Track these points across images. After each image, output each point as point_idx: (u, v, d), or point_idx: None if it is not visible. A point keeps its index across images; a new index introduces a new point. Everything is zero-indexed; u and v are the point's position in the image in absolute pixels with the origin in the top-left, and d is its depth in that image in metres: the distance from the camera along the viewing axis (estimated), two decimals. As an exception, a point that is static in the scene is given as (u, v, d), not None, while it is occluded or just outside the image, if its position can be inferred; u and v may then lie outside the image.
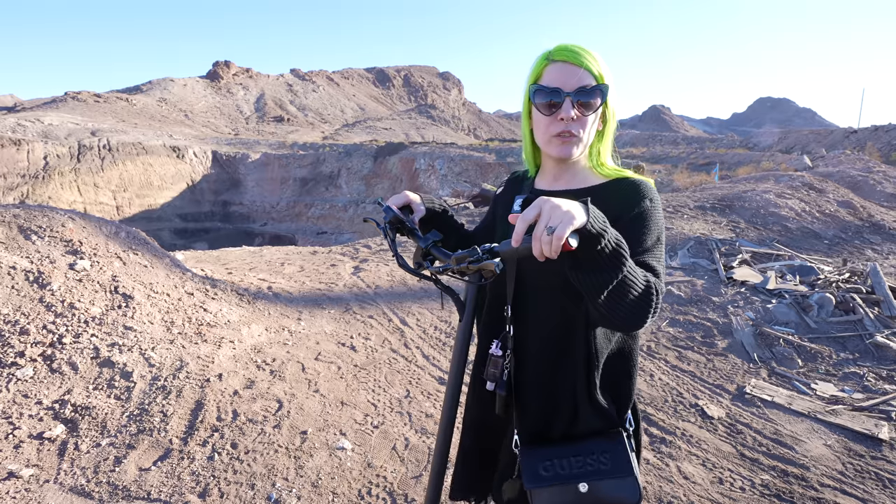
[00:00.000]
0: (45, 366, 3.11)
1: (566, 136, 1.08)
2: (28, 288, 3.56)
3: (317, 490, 2.48)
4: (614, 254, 0.85)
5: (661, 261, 1.03)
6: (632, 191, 1.07)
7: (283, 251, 8.32)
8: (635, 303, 0.89)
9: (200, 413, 2.99)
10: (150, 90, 69.80)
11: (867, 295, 5.08)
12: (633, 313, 0.91)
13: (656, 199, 1.08)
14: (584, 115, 1.06)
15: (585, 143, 1.10)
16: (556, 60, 1.07)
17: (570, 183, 1.17)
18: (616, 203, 1.06)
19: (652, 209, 1.05)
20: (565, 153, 1.10)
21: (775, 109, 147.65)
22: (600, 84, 1.05)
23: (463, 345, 1.11)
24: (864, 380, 3.78)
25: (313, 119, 79.49)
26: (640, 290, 0.89)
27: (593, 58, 1.06)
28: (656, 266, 1.01)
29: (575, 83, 1.04)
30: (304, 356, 3.89)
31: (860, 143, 24.89)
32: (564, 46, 1.07)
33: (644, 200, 1.05)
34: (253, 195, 37.49)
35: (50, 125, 35.88)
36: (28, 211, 4.30)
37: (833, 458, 2.86)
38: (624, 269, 0.86)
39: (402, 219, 1.23)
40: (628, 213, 1.04)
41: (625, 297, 0.88)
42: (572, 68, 1.05)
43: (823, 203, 9.95)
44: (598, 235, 0.82)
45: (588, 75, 1.04)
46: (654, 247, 1.03)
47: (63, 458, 2.59)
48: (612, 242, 0.84)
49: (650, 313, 0.92)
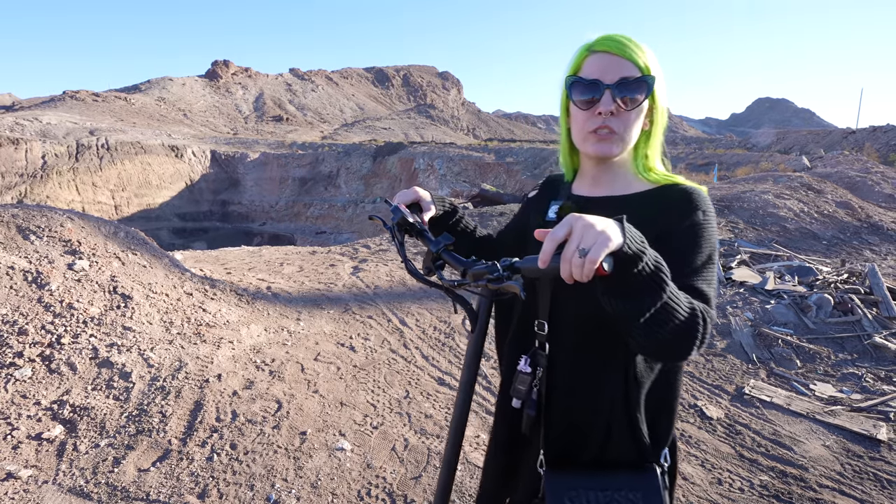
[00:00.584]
0: (43, 366, 3.11)
1: (604, 132, 0.97)
2: (27, 288, 3.55)
3: (316, 491, 2.47)
4: (652, 277, 0.74)
5: (711, 283, 0.90)
6: (682, 200, 0.95)
7: (282, 251, 8.32)
8: (677, 333, 0.78)
9: (199, 414, 2.99)
10: (149, 89, 69.70)
11: (865, 295, 5.09)
12: (675, 344, 0.80)
13: (710, 211, 0.95)
14: (626, 110, 0.95)
15: (627, 141, 0.99)
16: (597, 51, 0.97)
17: (612, 188, 1.06)
18: (663, 213, 0.95)
19: (704, 223, 0.93)
20: (603, 151, 0.99)
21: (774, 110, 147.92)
22: (645, 76, 0.94)
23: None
24: (862, 380, 3.79)
25: (312, 119, 79.44)
26: (683, 317, 0.78)
27: (640, 48, 0.95)
28: (706, 290, 0.88)
29: (616, 74, 0.94)
30: (303, 356, 3.89)
31: (858, 144, 24.96)
32: (608, 36, 0.97)
33: (696, 212, 0.93)
34: (252, 195, 37.46)
35: (48, 124, 35.81)
36: (27, 211, 4.29)
37: (831, 459, 2.86)
38: (664, 295, 0.75)
39: (411, 221, 1.13)
40: (677, 226, 0.93)
41: (665, 326, 0.77)
42: (615, 59, 0.95)
43: (822, 204, 9.97)
44: (634, 257, 0.72)
45: (632, 66, 0.94)
46: (705, 267, 0.91)
47: (62, 458, 2.58)
48: (651, 265, 0.74)
49: (695, 344, 0.81)
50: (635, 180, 1.05)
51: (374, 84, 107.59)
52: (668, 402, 1.02)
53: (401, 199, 1.19)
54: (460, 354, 4.10)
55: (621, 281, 0.74)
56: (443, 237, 1.08)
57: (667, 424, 1.03)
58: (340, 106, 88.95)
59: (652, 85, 0.95)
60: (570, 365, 1.01)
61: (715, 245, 0.94)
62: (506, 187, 26.48)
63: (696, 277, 0.90)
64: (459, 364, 3.94)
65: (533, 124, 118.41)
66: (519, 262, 0.85)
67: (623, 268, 0.72)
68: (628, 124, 0.97)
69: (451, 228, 1.27)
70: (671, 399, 1.02)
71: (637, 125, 0.99)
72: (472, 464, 2.73)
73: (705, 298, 0.88)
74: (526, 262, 0.83)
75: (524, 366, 1.02)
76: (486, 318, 1.02)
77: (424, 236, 1.13)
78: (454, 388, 3.54)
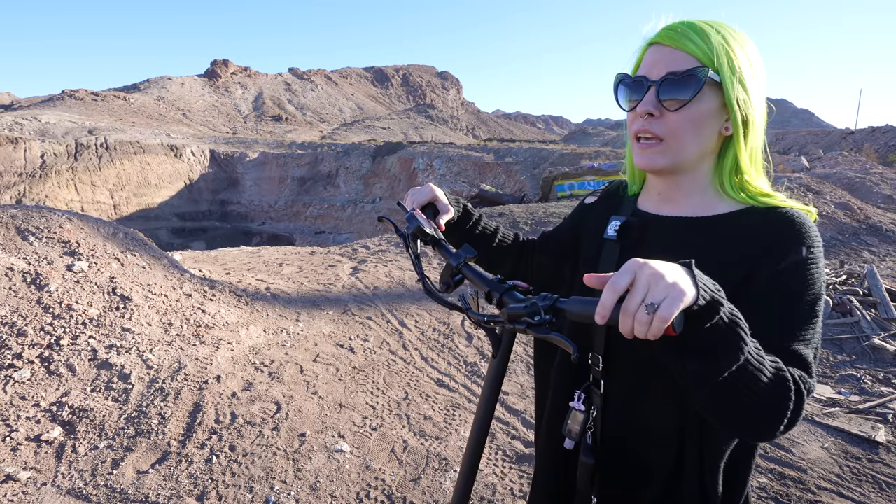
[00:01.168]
0: (42, 368, 3.10)
1: (645, 138, 0.83)
2: (25, 289, 3.55)
3: (315, 493, 2.48)
4: (727, 334, 0.60)
5: (812, 342, 0.72)
6: (783, 229, 0.76)
7: (282, 251, 8.31)
8: (757, 405, 0.64)
9: (198, 415, 2.99)
10: (148, 89, 69.65)
11: (864, 297, 5.10)
12: (753, 420, 0.66)
13: (817, 247, 0.76)
14: (671, 111, 0.79)
15: (678, 151, 0.81)
16: (654, 43, 0.82)
17: (688, 208, 0.87)
18: (754, 245, 0.77)
19: (810, 261, 0.74)
20: (644, 162, 0.84)
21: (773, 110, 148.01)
22: (696, 68, 0.76)
23: (492, 389, 0.90)
24: (860, 382, 3.80)
25: (311, 118, 79.43)
26: (765, 387, 0.63)
27: (704, 36, 0.77)
28: (805, 353, 0.71)
29: (664, 69, 0.79)
30: (302, 358, 3.89)
31: (857, 145, 25.00)
32: (670, 25, 0.81)
33: (800, 247, 0.75)
34: (251, 194, 37.42)
35: (47, 123, 35.76)
36: (26, 212, 4.29)
37: (830, 461, 2.87)
38: (741, 356, 0.61)
39: (427, 231, 0.99)
40: (773, 263, 0.74)
41: (740, 395, 0.63)
42: (668, 51, 0.79)
43: (820, 204, 9.99)
44: (706, 311, 0.58)
45: (688, 59, 0.77)
46: (808, 323, 0.73)
47: (60, 460, 2.58)
48: (727, 318, 0.59)
49: (782, 422, 0.66)
50: (719, 199, 0.86)
51: (374, 84, 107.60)
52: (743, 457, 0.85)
53: (415, 199, 1.03)
54: (459, 356, 4.11)
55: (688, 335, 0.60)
56: (464, 249, 0.94)
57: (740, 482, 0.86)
58: (340, 105, 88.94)
59: (703, 79, 0.76)
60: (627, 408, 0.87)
61: (821, 293, 0.75)
62: (505, 187, 26.49)
63: (794, 337, 0.72)
64: (458, 366, 3.94)
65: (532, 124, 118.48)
66: (564, 302, 0.70)
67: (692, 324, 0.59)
68: (676, 129, 0.80)
69: (470, 232, 1.10)
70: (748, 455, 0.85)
71: (693, 130, 0.80)
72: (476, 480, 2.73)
73: (804, 364, 0.71)
74: (573, 305, 0.68)
75: (577, 403, 0.89)
76: (510, 345, 0.88)
77: (443, 248, 0.99)
78: (453, 390, 3.54)
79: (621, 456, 0.88)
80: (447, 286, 0.95)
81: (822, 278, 0.75)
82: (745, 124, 0.81)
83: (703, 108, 0.79)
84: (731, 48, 0.78)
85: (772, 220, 0.79)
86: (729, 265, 0.77)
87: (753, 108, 0.80)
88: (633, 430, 0.86)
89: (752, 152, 0.84)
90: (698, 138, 0.81)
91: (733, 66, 0.77)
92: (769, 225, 0.78)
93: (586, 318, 0.65)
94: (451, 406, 3.33)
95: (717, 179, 0.86)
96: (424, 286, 0.95)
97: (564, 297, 0.70)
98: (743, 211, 0.83)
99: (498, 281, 0.85)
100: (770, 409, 0.65)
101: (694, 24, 0.79)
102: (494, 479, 2.63)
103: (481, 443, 0.93)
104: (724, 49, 0.77)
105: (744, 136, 0.82)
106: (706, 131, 0.81)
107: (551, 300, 0.71)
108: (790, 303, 0.73)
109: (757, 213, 0.81)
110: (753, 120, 0.81)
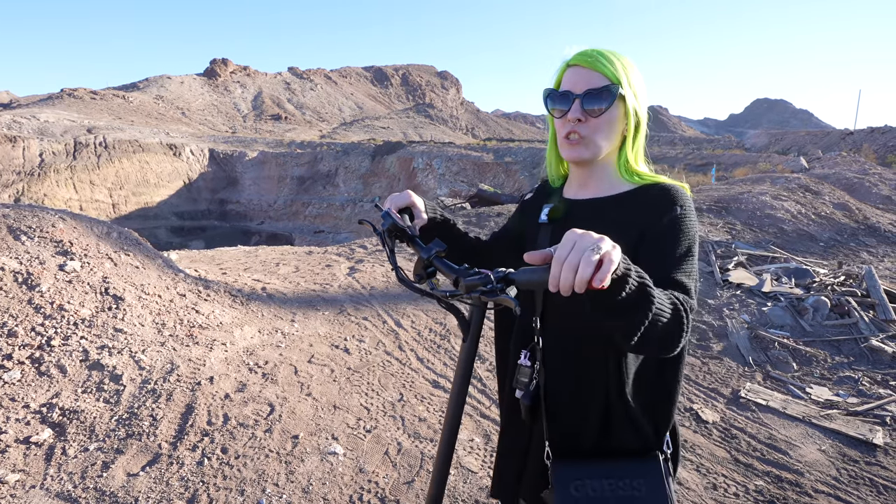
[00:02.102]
0: (33, 368, 3.07)
1: (574, 137, 1.06)
2: (17, 289, 3.51)
3: (307, 496, 2.45)
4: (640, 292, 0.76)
5: (691, 275, 0.96)
6: (661, 197, 1.03)
7: (279, 251, 8.28)
8: (665, 333, 0.82)
9: (190, 417, 2.96)
10: (147, 87, 69.52)
11: (862, 298, 5.07)
12: (663, 343, 0.85)
13: (688, 206, 1.02)
14: (594, 118, 1.04)
15: (597, 145, 1.06)
16: (572, 65, 1.07)
17: (598, 190, 1.13)
18: (644, 211, 1.02)
19: (682, 216, 1.00)
20: (573, 155, 1.08)
21: (772, 111, 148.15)
22: (610, 85, 1.02)
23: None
24: (858, 384, 3.77)
25: (311, 118, 79.33)
26: (667, 317, 0.81)
27: (610, 62, 1.03)
28: (685, 282, 0.94)
29: (585, 85, 1.03)
30: (296, 359, 3.86)
31: (856, 145, 24.99)
32: (583, 52, 1.07)
33: (674, 207, 1.00)
34: (250, 194, 37.37)
35: (46, 122, 35.66)
36: (18, 210, 4.26)
37: (827, 464, 2.85)
38: (653, 308, 0.77)
39: (402, 227, 1.13)
40: (657, 222, 0.99)
41: (653, 330, 0.80)
42: (585, 71, 1.04)
43: (819, 205, 9.97)
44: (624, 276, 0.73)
45: (601, 77, 1.03)
46: (685, 259, 0.97)
47: (50, 463, 2.55)
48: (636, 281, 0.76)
49: (682, 338, 0.86)
50: (619, 182, 1.12)
51: (373, 83, 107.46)
52: (667, 388, 1.05)
53: (393, 202, 1.20)
54: (455, 357, 4.08)
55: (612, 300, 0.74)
56: (434, 243, 1.06)
57: (665, 411, 1.06)
58: (339, 105, 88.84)
59: (615, 93, 1.02)
60: (562, 357, 1.06)
61: (694, 238, 0.99)
62: (504, 187, 26.45)
63: (676, 270, 0.95)
64: (454, 367, 3.91)
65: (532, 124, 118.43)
66: (513, 273, 0.84)
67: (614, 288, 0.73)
68: (596, 130, 1.05)
69: (443, 235, 1.27)
70: (671, 386, 1.05)
71: (607, 130, 1.06)
72: (465, 468, 2.70)
73: (685, 289, 0.93)
74: (520, 274, 0.82)
75: (524, 360, 1.07)
76: (479, 327, 1.02)
77: (416, 242, 1.12)
78: (449, 391, 3.52)
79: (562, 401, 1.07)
80: (420, 278, 1.08)
81: (694, 228, 1.00)
82: (636, 126, 1.08)
83: (614, 115, 1.05)
84: (627, 71, 1.04)
85: (655, 191, 1.05)
86: (631, 226, 1.01)
87: (642, 115, 1.08)
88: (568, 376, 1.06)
89: (638, 147, 1.11)
90: (610, 137, 1.07)
91: (631, 84, 1.04)
92: (653, 195, 1.04)
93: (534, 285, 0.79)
94: (447, 408, 3.30)
95: (618, 167, 1.12)
96: (397, 275, 1.07)
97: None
98: (637, 189, 1.08)
99: (465, 269, 0.95)
100: (673, 333, 0.84)
101: (602, 51, 1.05)
102: (489, 480, 2.60)
103: (456, 425, 1.05)
104: (625, 72, 1.03)
105: (635, 135, 1.09)
106: (614, 132, 1.07)
107: (502, 273, 0.85)
108: (671, 245, 0.97)
109: (645, 189, 1.07)
110: (642, 123, 1.09)
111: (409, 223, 1.16)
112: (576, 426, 1.06)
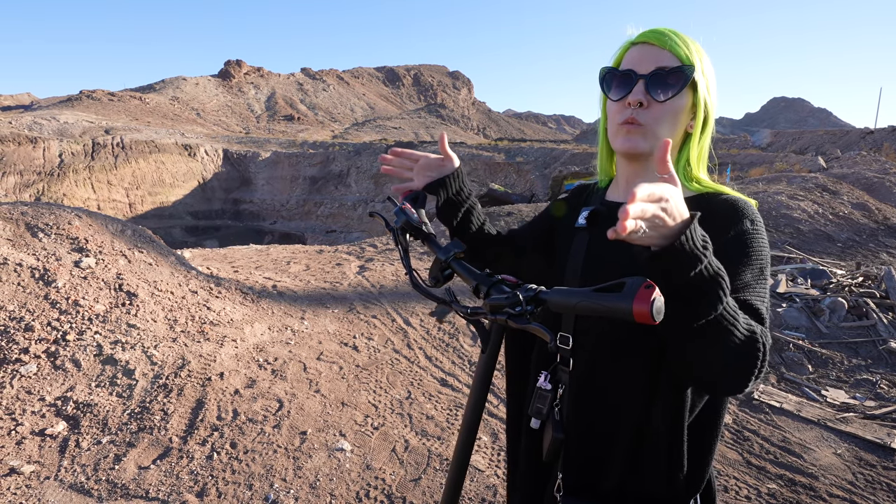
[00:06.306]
0: (48, 363, 3.13)
1: (632, 124, 0.89)
2: (34, 285, 3.59)
3: (315, 491, 2.46)
4: (711, 282, 0.66)
5: (765, 301, 0.80)
6: (728, 209, 0.87)
7: (290, 250, 8.35)
8: (734, 354, 0.70)
9: (201, 412, 2.99)
10: (163, 89, 70.63)
11: (881, 300, 4.96)
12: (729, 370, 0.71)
13: (759, 222, 0.86)
14: (659, 102, 0.87)
15: (658, 138, 0.89)
16: (637, 43, 0.91)
17: None
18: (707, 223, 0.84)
19: (754, 232, 0.84)
20: (627, 146, 0.91)
21: (789, 109, 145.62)
22: (684, 65, 0.86)
23: (482, 383, 0.91)
24: (876, 387, 3.69)
25: (323, 118, 79.89)
26: (740, 338, 0.69)
27: (685, 42, 0.88)
28: (760, 308, 0.78)
29: (652, 64, 0.88)
30: (306, 356, 3.88)
31: (877, 144, 24.44)
32: (652, 29, 0.91)
33: (743, 220, 0.85)
34: (263, 193, 37.74)
35: (65, 123, 36.42)
36: (35, 208, 4.35)
37: (843, 468, 2.78)
38: (719, 306, 0.67)
39: (416, 226, 1.01)
40: (722, 236, 0.83)
41: (719, 343, 0.69)
42: (653, 49, 0.89)
43: (837, 205, 9.77)
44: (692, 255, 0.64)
45: (671, 57, 0.87)
46: (758, 282, 0.81)
47: (64, 455, 2.60)
48: (712, 270, 0.66)
49: (754, 373, 0.71)
50: None
51: (385, 83, 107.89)
52: (707, 441, 0.89)
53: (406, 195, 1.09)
54: (464, 355, 4.07)
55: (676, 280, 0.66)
56: (453, 244, 0.96)
57: (701, 464, 0.89)
58: (351, 105, 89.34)
59: (690, 75, 0.86)
60: (593, 385, 0.91)
61: (767, 260, 0.84)
62: (515, 187, 26.37)
63: (748, 292, 0.79)
64: (463, 365, 3.91)
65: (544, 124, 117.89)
66: (546, 292, 0.72)
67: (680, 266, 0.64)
68: (660, 119, 0.88)
69: (462, 223, 1.14)
70: (711, 438, 0.89)
71: (671, 122, 0.89)
72: (472, 466, 2.69)
73: (759, 317, 0.78)
74: (554, 295, 0.70)
75: (544, 382, 0.93)
76: (500, 339, 0.90)
77: (432, 242, 1.00)
78: (456, 390, 3.51)
79: (587, 429, 0.92)
80: (436, 280, 0.96)
81: (766, 249, 0.85)
82: (704, 123, 0.92)
83: (681, 104, 0.89)
84: (702, 56, 0.90)
85: (720, 203, 0.88)
86: None
87: (712, 110, 0.92)
88: (597, 408, 0.91)
89: (702, 149, 0.94)
90: (673, 130, 0.90)
91: (704, 72, 0.89)
92: (717, 206, 0.88)
93: (568, 308, 0.67)
94: (454, 406, 3.29)
95: (677, 169, 0.93)
96: (411, 280, 0.96)
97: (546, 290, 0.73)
98: (696, 197, 0.91)
99: (486, 275, 0.85)
100: (744, 361, 0.71)
101: (674, 30, 0.90)
102: (496, 480, 2.59)
103: (471, 439, 0.93)
104: (699, 56, 0.89)
105: (701, 133, 0.93)
106: (679, 125, 0.91)
107: (533, 291, 0.73)
108: (741, 264, 0.82)
109: (708, 198, 0.90)
110: (710, 119, 0.92)
111: (424, 219, 1.04)
112: (597, 465, 0.92)
